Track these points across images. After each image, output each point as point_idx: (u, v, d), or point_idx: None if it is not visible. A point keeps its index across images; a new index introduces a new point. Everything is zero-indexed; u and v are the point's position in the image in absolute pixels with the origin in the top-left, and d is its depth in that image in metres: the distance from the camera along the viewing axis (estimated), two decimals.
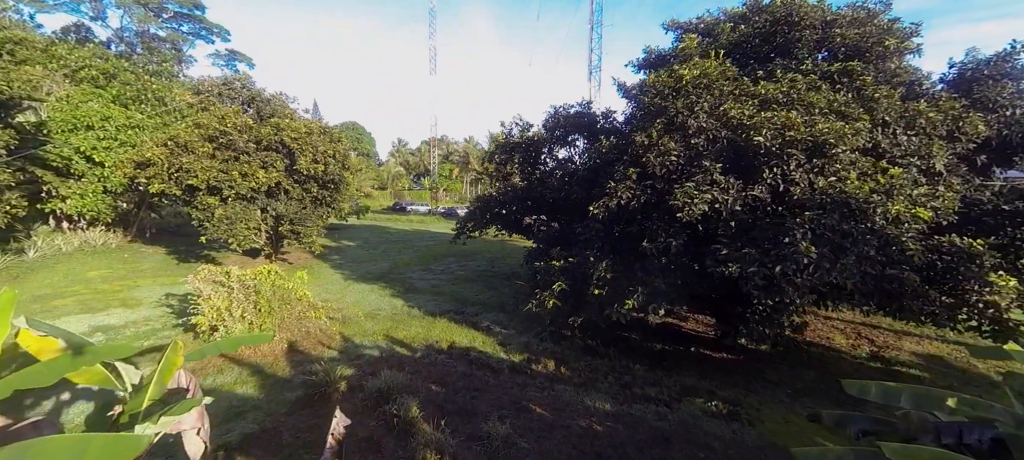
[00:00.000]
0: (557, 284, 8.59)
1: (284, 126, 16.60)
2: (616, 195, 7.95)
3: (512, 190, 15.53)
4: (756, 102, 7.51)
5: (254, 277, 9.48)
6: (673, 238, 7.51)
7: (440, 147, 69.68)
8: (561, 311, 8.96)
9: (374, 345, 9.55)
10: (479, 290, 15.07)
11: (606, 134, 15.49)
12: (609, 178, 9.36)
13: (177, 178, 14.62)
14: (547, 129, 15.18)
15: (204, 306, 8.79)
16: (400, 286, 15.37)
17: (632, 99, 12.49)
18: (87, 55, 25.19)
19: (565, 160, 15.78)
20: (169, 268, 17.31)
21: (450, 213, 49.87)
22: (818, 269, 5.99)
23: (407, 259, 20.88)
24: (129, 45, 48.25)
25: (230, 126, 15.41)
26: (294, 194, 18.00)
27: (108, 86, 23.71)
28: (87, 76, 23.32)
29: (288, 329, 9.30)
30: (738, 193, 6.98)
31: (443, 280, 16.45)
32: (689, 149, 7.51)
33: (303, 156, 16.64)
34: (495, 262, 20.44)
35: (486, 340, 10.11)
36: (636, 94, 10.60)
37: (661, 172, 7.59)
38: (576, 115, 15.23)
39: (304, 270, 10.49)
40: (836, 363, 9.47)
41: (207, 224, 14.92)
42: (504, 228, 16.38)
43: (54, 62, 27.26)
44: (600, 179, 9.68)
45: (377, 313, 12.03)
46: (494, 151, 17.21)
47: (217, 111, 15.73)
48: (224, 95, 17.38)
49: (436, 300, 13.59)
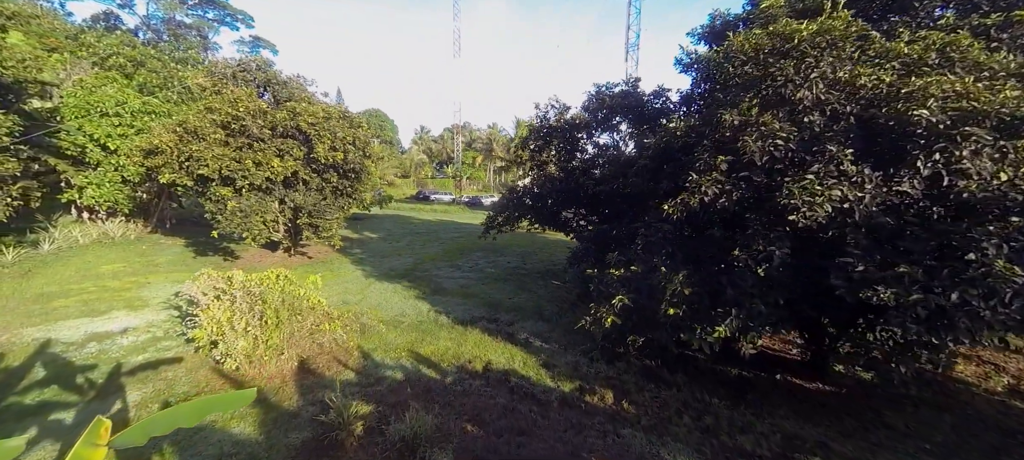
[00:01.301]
0: (618, 298, 6.97)
1: (300, 111, 15.36)
2: (699, 190, 6.23)
3: (548, 180, 13.89)
4: (896, 65, 5.63)
5: (260, 283, 8.22)
6: (775, 246, 5.76)
7: (463, 134, 68.18)
8: (619, 329, 7.36)
9: (397, 364, 8.18)
10: (512, 292, 13.58)
11: (654, 117, 13.67)
12: (681, 168, 7.64)
13: (187, 167, 13.57)
14: (589, 111, 13.42)
15: (202, 318, 7.57)
16: (425, 286, 14.03)
17: (701, 71, 10.60)
18: (115, 43, 24.72)
19: (609, 146, 14.02)
20: (185, 262, 16.47)
21: (474, 202, 48.59)
22: (1019, 298, 4.19)
23: (432, 253, 19.57)
24: (156, 32, 48.38)
25: (243, 111, 14.25)
26: (313, 184, 16.84)
27: (136, 74, 23.26)
28: (115, 64, 22.84)
29: (298, 344, 8.02)
30: (876, 188, 5.18)
31: (472, 279, 15.04)
32: (801, 130, 5.71)
33: (321, 143, 15.38)
34: (527, 258, 18.91)
35: (526, 359, 8.61)
36: (709, 65, 8.74)
37: (762, 161, 5.82)
38: (621, 95, 13.39)
39: (318, 275, 9.19)
40: (966, 398, 7.56)
41: (220, 217, 13.88)
42: (537, 222, 14.82)
43: (83, 50, 27.00)
44: (667, 169, 7.95)
45: (400, 320, 10.69)
46: (527, 137, 15.57)
47: (230, 95, 14.57)
48: (239, 78, 16.25)
49: (465, 304, 12.18)
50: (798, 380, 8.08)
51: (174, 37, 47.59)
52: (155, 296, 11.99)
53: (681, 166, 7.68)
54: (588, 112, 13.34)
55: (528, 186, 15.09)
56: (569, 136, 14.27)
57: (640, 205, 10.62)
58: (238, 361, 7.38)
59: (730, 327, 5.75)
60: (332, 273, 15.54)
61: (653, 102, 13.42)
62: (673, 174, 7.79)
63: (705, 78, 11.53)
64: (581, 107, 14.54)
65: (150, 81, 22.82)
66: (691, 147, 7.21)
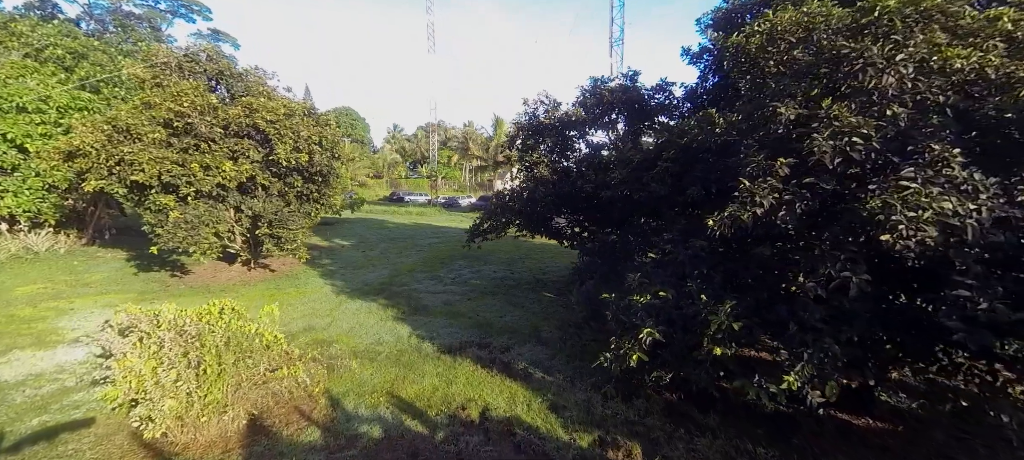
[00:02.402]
0: (646, 332, 5.70)
1: (258, 107, 13.50)
2: (752, 201, 5.02)
3: (540, 183, 12.58)
4: (999, 44, 4.55)
5: (198, 319, 6.56)
6: (849, 270, 4.61)
7: (438, 133, 66.20)
8: (643, 365, 6.11)
9: (374, 415, 6.68)
10: (502, 308, 12.20)
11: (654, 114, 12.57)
12: (714, 171, 6.44)
13: (119, 172, 11.55)
14: (586, 107, 12.20)
15: (117, 370, 5.87)
16: (404, 303, 12.47)
17: (711, 63, 9.51)
18: (53, 32, 21.92)
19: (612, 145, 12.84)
20: (123, 280, 14.33)
21: (451, 203, 46.94)
22: None
23: (410, 263, 17.95)
24: (101, 23, 44.34)
25: (188, 106, 12.30)
26: (273, 190, 14.99)
27: (77, 67, 20.71)
28: (53, 56, 20.21)
29: (249, 396, 6.40)
30: (993, 199, 4.07)
31: (456, 293, 13.56)
32: (884, 125, 4.56)
33: (282, 143, 13.58)
34: (513, 266, 17.55)
35: (530, 398, 7.25)
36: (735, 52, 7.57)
37: (834, 164, 4.65)
38: (620, 90, 12.25)
39: (275, 304, 7.58)
40: None
41: (160, 230, 11.91)
42: (526, 229, 13.52)
43: (13, 40, 23.98)
44: (697, 172, 6.74)
45: (377, 350, 9.15)
46: (514, 135, 14.24)
47: (173, 88, 12.59)
48: (186, 69, 14.20)
49: (451, 325, 10.71)
50: (843, 414, 7.03)
51: (122, 28, 43.72)
52: (78, 326, 10.01)
53: (713, 169, 6.49)
54: (585, 108, 12.11)
55: (516, 189, 13.75)
56: (561, 135, 13.02)
57: (652, 212, 9.46)
58: (165, 425, 5.72)
59: (801, 375, 4.56)
60: (297, 290, 13.77)
61: (654, 97, 12.34)
62: (704, 179, 6.59)
63: (716, 69, 10.46)
64: (574, 103, 13.32)
65: (94, 75, 20.36)
66: (730, 148, 6.01)
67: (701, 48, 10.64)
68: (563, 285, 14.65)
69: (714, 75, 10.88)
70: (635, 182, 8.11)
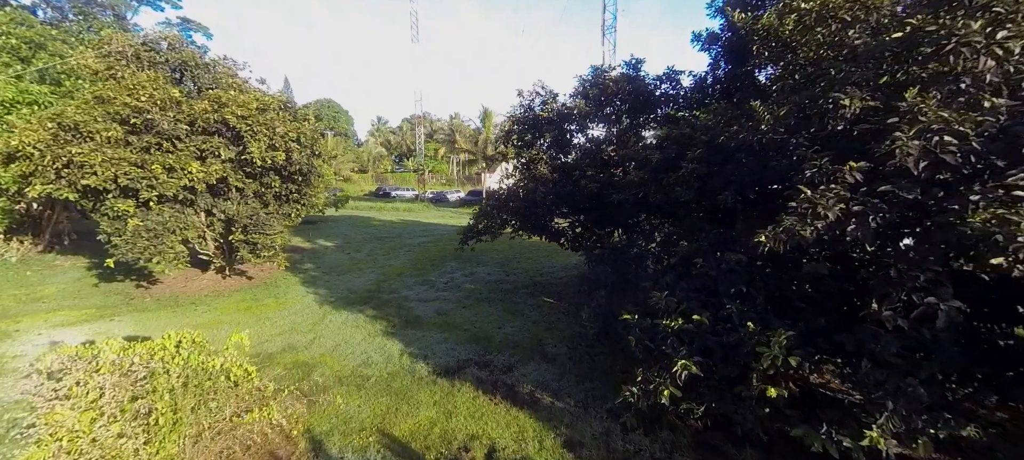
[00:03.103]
0: (681, 364, 4.88)
1: (228, 101, 12.26)
2: (814, 214, 4.18)
3: (539, 182, 11.68)
4: None
5: (151, 355, 5.52)
6: (937, 297, 3.83)
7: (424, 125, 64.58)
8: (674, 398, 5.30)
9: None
10: (501, 316, 11.31)
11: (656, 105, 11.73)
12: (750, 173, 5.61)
13: (69, 176, 10.27)
14: (587, 99, 11.28)
15: (41, 427, 4.81)
16: (394, 313, 11.49)
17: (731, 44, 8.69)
18: (5, 21, 20.06)
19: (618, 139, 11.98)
20: (81, 293, 13.04)
21: (439, 198, 45.80)
22: None
23: (399, 265, 16.92)
24: (59, 11, 41.61)
25: (146, 100, 11.03)
26: (249, 190, 13.79)
27: (34, 58, 19.05)
28: (6, 46, 18.51)
29: (210, 450, 5.40)
30: None
31: (449, 300, 12.62)
32: (984, 120, 3.74)
33: (255, 141, 12.39)
34: (508, 267, 16.66)
35: (541, 432, 6.40)
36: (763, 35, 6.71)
37: (922, 170, 3.83)
38: (626, 80, 11.36)
39: (245, 332, 6.55)
40: None
41: (117, 240, 10.68)
42: (524, 229, 12.61)
43: None
44: (730, 174, 5.89)
45: (365, 373, 8.19)
46: (509, 130, 13.28)
47: (129, 80, 11.29)
48: (145, 59, 12.85)
49: (446, 340, 9.79)
50: None
51: (83, 16, 41.13)
52: (19, 355, 8.80)
53: (746, 170, 5.64)
54: (587, 100, 11.19)
55: (513, 187, 12.84)
56: (561, 128, 12.10)
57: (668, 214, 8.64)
58: None
59: (886, 428, 3.77)
60: (276, 300, 12.67)
61: (659, 87, 11.49)
62: (737, 182, 5.75)
63: (730, 55, 9.62)
64: (573, 94, 12.40)
65: (54, 68, 18.75)
66: (773, 147, 5.16)
67: (712, 33, 9.77)
68: (563, 288, 13.83)
69: (727, 62, 10.04)
70: (654, 184, 7.25)
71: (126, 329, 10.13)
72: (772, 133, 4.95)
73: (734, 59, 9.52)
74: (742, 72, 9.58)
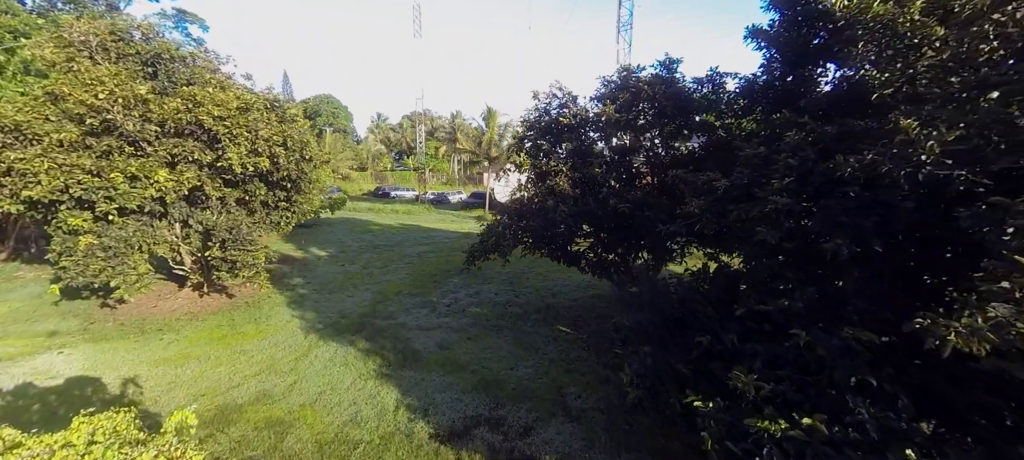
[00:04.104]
0: None
1: (203, 99, 10.77)
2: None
3: (559, 199, 10.19)
4: None
5: (58, 450, 4.03)
6: None
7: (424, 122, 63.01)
8: None
9: None
10: (512, 352, 9.84)
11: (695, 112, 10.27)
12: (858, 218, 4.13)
13: (10, 185, 8.78)
14: (616, 103, 9.78)
15: None
16: (390, 346, 10.02)
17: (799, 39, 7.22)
18: None
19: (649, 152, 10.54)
20: (37, 313, 11.56)
21: (440, 199, 44.34)
22: None
23: (397, 282, 15.42)
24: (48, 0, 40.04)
25: (105, 98, 9.52)
26: (230, 199, 12.31)
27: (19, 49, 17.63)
28: None
29: None
30: None
31: (453, 329, 11.13)
32: None
33: (235, 146, 10.90)
34: (517, 284, 15.18)
35: None
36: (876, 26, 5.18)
37: None
38: (660, 83, 9.87)
39: (192, 407, 5.07)
40: None
41: (66, 261, 9.19)
42: (536, 247, 11.14)
43: None
44: (834, 215, 4.37)
45: (352, 438, 6.72)
46: (522, 137, 11.81)
47: (87, 74, 9.78)
48: (112, 50, 11.34)
49: (450, 385, 8.32)
50: None
51: (73, 5, 39.57)
52: None
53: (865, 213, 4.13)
54: (615, 104, 9.69)
55: (527, 202, 11.35)
56: (582, 137, 10.62)
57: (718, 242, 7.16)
58: None
59: None
60: (257, 326, 11.18)
61: (699, 91, 10.02)
62: (854, 231, 4.24)
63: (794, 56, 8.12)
64: (595, 97, 10.94)
65: None
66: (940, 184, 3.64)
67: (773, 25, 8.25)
68: (579, 314, 12.36)
69: (783, 63, 8.53)
70: (716, 215, 5.75)
71: (73, 367, 8.66)
72: (934, 166, 3.43)
73: (800, 61, 8.03)
74: (807, 76, 8.12)
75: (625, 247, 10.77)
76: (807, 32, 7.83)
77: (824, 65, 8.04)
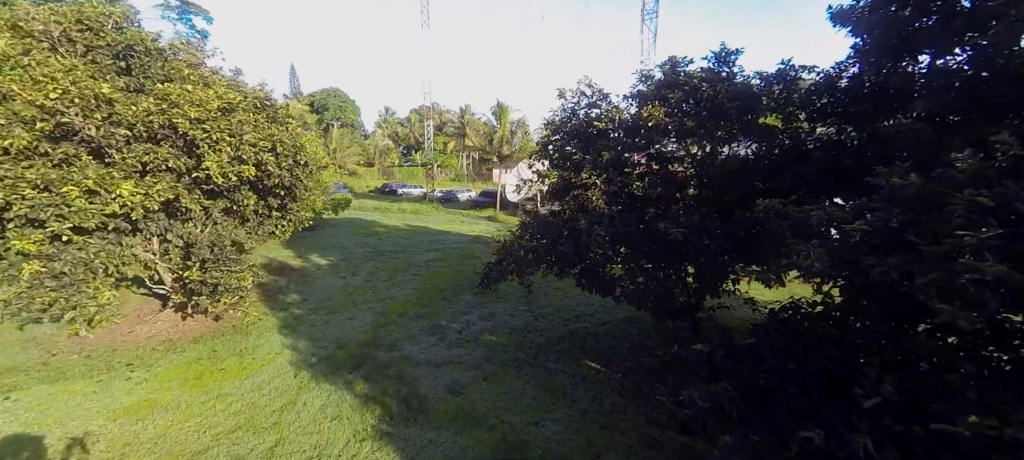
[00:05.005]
0: None
1: (179, 98, 9.29)
2: None
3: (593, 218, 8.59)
4: None
5: None
6: None
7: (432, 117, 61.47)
8: None
9: None
10: (536, 397, 8.30)
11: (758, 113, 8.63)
12: None
13: None
14: (667, 103, 8.12)
15: None
16: (392, 390, 8.52)
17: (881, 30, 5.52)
18: None
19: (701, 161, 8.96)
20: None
21: (449, 197, 42.89)
22: None
23: (403, 298, 13.94)
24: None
25: (58, 98, 8.08)
26: (214, 209, 10.89)
27: None
28: None
29: None
30: None
31: (466, 365, 9.59)
32: None
33: (215, 153, 9.43)
34: (534, 303, 13.60)
35: None
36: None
37: None
38: (719, 80, 8.21)
39: None
40: None
41: (6, 293, 7.81)
42: (564, 274, 9.63)
43: None
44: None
45: None
46: (546, 141, 10.24)
47: (41, 69, 8.35)
48: (79, 41, 9.91)
49: (464, 450, 6.79)
50: None
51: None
52: None
53: None
54: (665, 105, 8.03)
55: (555, 216, 9.77)
56: (623, 144, 8.99)
57: None
58: None
59: None
60: (240, 360, 9.75)
61: (766, 89, 8.35)
62: None
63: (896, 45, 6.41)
64: (631, 95, 9.32)
65: None
66: None
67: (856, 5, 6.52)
68: (610, 344, 10.77)
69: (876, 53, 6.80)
70: (850, 269, 4.10)
71: (15, 421, 7.27)
72: None
73: (879, 48, 6.35)
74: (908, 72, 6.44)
75: (665, 273, 9.19)
76: None
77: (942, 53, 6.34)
